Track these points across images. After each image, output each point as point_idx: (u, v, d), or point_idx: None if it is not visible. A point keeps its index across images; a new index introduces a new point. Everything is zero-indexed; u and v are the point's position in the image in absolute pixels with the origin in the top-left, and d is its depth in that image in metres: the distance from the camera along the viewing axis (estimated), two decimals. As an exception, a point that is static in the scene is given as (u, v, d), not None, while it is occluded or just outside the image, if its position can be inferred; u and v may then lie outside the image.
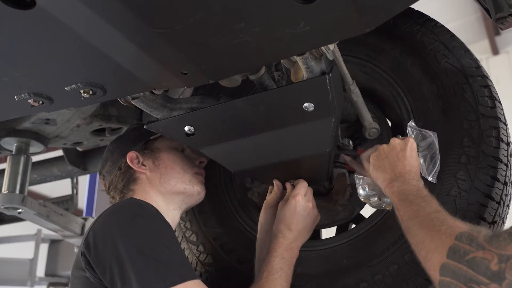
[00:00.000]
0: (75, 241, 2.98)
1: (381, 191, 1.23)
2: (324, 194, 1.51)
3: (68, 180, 2.83)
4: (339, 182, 1.48)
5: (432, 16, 1.44)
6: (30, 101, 1.05)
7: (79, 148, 2.55)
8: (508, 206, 1.28)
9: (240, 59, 0.98)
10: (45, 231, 4.24)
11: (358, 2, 0.82)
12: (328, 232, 1.69)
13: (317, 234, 1.65)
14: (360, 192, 1.29)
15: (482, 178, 1.21)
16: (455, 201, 1.22)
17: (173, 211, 1.42)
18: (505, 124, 1.28)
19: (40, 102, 1.06)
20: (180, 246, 1.27)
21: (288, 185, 1.37)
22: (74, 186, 2.86)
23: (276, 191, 1.39)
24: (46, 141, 1.99)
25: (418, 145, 1.22)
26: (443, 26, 1.42)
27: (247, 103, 1.18)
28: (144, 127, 1.30)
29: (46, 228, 2.49)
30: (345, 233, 1.43)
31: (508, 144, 1.26)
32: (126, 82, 1.04)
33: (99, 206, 4.29)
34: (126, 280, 1.10)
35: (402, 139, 1.22)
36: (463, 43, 1.37)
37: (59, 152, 2.58)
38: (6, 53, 0.91)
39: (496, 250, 0.80)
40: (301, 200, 1.30)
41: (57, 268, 4.58)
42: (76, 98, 1.05)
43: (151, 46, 0.90)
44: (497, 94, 1.31)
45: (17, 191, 2.01)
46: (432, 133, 1.23)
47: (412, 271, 1.23)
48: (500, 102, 1.30)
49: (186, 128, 1.24)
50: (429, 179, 1.21)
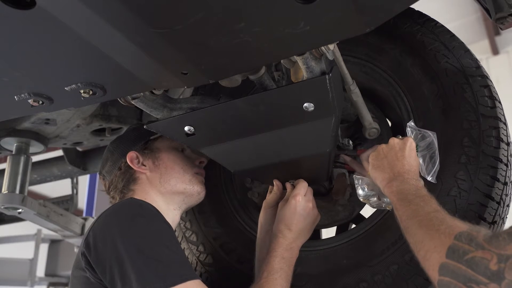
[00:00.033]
0: (75, 241, 2.98)
1: (380, 191, 1.22)
2: (324, 194, 1.51)
3: (68, 180, 2.83)
4: (339, 182, 1.48)
5: (432, 16, 1.44)
6: (30, 101, 1.05)
7: (79, 148, 2.55)
8: (508, 206, 1.28)
9: (240, 59, 0.98)
10: (45, 231, 4.24)
11: (358, 2, 0.82)
12: (328, 232, 1.69)
13: (317, 234, 1.65)
14: (359, 192, 1.29)
15: (482, 178, 1.21)
16: (455, 201, 1.22)
17: (173, 211, 1.42)
18: (505, 124, 1.28)
19: (40, 102, 1.06)
20: (180, 246, 1.27)
21: (288, 185, 1.37)
22: (74, 186, 2.86)
23: (276, 191, 1.39)
24: (46, 141, 1.99)
25: (417, 145, 1.22)
26: (443, 26, 1.42)
27: (247, 103, 1.18)
28: (144, 127, 1.30)
29: (46, 228, 2.49)
30: (345, 233, 1.43)
31: (508, 144, 1.26)
32: (126, 82, 1.04)
33: (99, 206, 4.29)
34: (126, 280, 1.10)
35: (401, 139, 1.22)
36: (463, 43, 1.37)
37: (59, 152, 2.58)
38: (6, 53, 0.91)
39: (495, 249, 0.80)
40: (301, 200, 1.30)
41: (57, 268, 4.58)
42: (76, 98, 1.05)
43: (151, 46, 0.90)
44: (497, 94, 1.31)
45: (17, 191, 2.01)
46: (431, 133, 1.23)
47: (412, 271, 1.23)
48: (500, 102, 1.30)
49: (186, 128, 1.25)
50: (428, 179, 1.21)
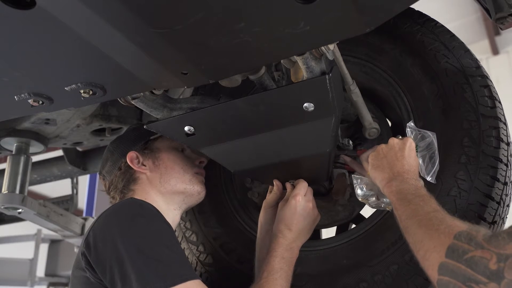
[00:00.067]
0: (75, 241, 2.98)
1: (379, 191, 1.22)
2: (324, 194, 1.51)
3: (68, 180, 2.82)
4: (339, 182, 1.48)
5: (432, 16, 1.44)
6: (30, 101, 1.05)
7: (79, 148, 2.55)
8: (508, 206, 1.28)
9: (240, 59, 0.98)
10: (45, 231, 4.24)
11: (358, 2, 0.82)
12: (328, 232, 1.69)
13: (317, 234, 1.65)
14: (358, 192, 1.29)
15: (482, 178, 1.21)
16: (455, 201, 1.22)
17: (173, 211, 1.42)
18: (505, 124, 1.28)
19: (40, 102, 1.06)
20: (180, 246, 1.27)
21: (288, 185, 1.37)
22: (74, 186, 2.86)
23: (276, 191, 1.39)
24: (46, 141, 1.99)
25: (417, 145, 1.22)
26: (443, 26, 1.42)
27: (247, 103, 1.18)
28: (144, 127, 1.30)
29: (46, 228, 2.49)
30: (345, 233, 1.43)
31: (508, 144, 1.26)
32: (126, 82, 1.04)
33: (99, 206, 4.29)
34: (127, 280, 1.10)
35: (401, 139, 1.22)
36: (463, 43, 1.37)
37: (59, 152, 2.58)
38: (6, 53, 0.91)
39: (495, 249, 0.80)
40: (301, 200, 1.30)
41: (57, 268, 4.58)
42: (76, 98, 1.05)
43: (151, 46, 0.90)
44: (497, 94, 1.31)
45: (17, 191, 2.01)
46: (431, 133, 1.23)
47: (412, 271, 1.23)
48: (500, 102, 1.30)
49: (186, 128, 1.25)
50: (428, 179, 1.21)
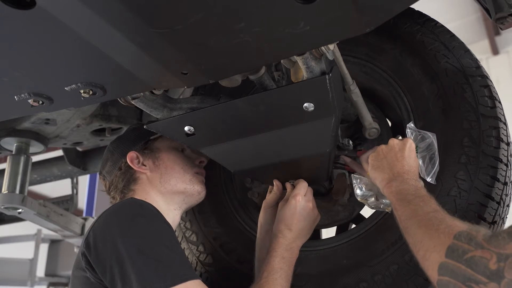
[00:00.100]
0: (75, 241, 2.98)
1: (379, 191, 1.22)
2: (324, 194, 1.51)
3: (68, 180, 2.82)
4: (339, 182, 1.48)
5: (432, 16, 1.44)
6: (30, 101, 1.05)
7: (79, 148, 2.55)
8: (508, 206, 1.28)
9: (240, 59, 0.98)
10: (45, 231, 4.24)
11: (358, 2, 0.82)
12: (328, 232, 1.69)
13: (317, 234, 1.65)
14: (357, 192, 1.29)
15: (482, 178, 1.21)
16: (455, 201, 1.22)
17: (173, 211, 1.42)
18: (505, 124, 1.28)
19: (40, 102, 1.06)
20: (180, 246, 1.27)
21: (288, 185, 1.37)
22: (74, 186, 2.86)
23: (276, 191, 1.39)
24: (46, 141, 1.99)
25: (417, 146, 1.22)
26: (443, 26, 1.42)
27: (247, 103, 1.18)
28: (144, 127, 1.30)
29: (46, 228, 2.49)
30: (345, 233, 1.43)
31: (508, 144, 1.26)
32: (126, 82, 1.04)
33: (99, 206, 4.29)
34: (127, 280, 1.10)
35: (401, 140, 1.22)
36: (463, 43, 1.37)
37: (59, 152, 2.58)
38: (6, 53, 0.91)
39: (495, 249, 0.80)
40: (301, 200, 1.30)
41: (57, 268, 4.58)
42: (76, 98, 1.05)
43: (151, 46, 0.90)
44: (497, 94, 1.31)
45: (17, 191, 2.01)
46: (431, 134, 1.23)
47: (412, 271, 1.23)
48: (500, 102, 1.30)
49: (186, 128, 1.25)
50: (428, 180, 1.20)
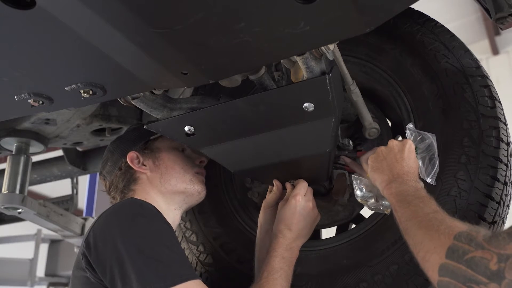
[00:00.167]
0: (75, 241, 2.98)
1: (378, 193, 1.22)
2: (324, 194, 1.51)
3: (68, 180, 2.82)
4: (339, 182, 1.48)
5: (432, 16, 1.44)
6: (30, 101, 1.05)
7: (79, 148, 2.55)
8: (508, 206, 1.28)
9: (240, 59, 0.98)
10: (45, 231, 4.24)
11: (358, 2, 0.82)
12: (328, 232, 1.69)
13: (317, 234, 1.65)
14: (357, 193, 1.29)
15: (482, 178, 1.21)
16: (455, 201, 1.22)
17: (173, 211, 1.42)
18: (505, 124, 1.28)
19: (40, 102, 1.06)
20: (181, 246, 1.27)
21: (288, 185, 1.37)
22: (74, 186, 2.86)
23: (276, 191, 1.39)
24: (46, 141, 1.99)
25: (416, 147, 1.22)
26: (443, 26, 1.42)
27: (247, 103, 1.18)
28: (144, 127, 1.30)
29: (46, 228, 2.48)
30: (345, 233, 1.43)
31: (508, 144, 1.26)
32: (126, 82, 1.04)
33: (99, 206, 4.29)
34: (127, 280, 1.10)
35: (401, 141, 1.22)
36: (463, 43, 1.37)
37: (59, 152, 2.58)
38: (6, 53, 0.91)
39: (495, 249, 0.80)
40: (301, 200, 1.30)
41: (57, 268, 4.58)
42: (76, 98, 1.05)
43: (151, 46, 0.90)
44: (497, 94, 1.31)
45: (17, 191, 2.01)
46: (430, 135, 1.23)
47: (412, 271, 1.23)
48: (500, 102, 1.30)
49: (186, 128, 1.25)
50: (428, 181, 1.20)
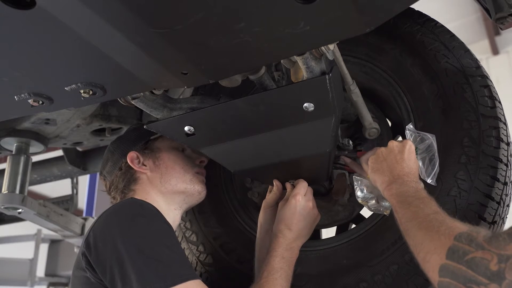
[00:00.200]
0: (75, 241, 2.98)
1: (379, 194, 1.22)
2: (324, 194, 1.50)
3: (68, 180, 2.82)
4: (339, 182, 1.48)
5: (432, 16, 1.44)
6: (30, 101, 1.05)
7: (79, 148, 2.55)
8: (508, 206, 1.28)
9: (240, 59, 0.98)
10: (45, 231, 4.24)
11: (358, 2, 0.82)
12: (328, 232, 1.69)
13: (317, 234, 1.65)
14: (358, 194, 1.29)
15: (482, 178, 1.21)
16: (455, 201, 1.22)
17: (174, 211, 1.42)
18: (505, 124, 1.28)
19: (40, 102, 1.06)
20: (181, 246, 1.27)
21: (288, 185, 1.37)
22: (74, 186, 2.86)
23: (276, 191, 1.39)
24: (46, 141, 1.99)
25: (416, 147, 1.22)
26: (443, 26, 1.42)
27: (247, 103, 1.18)
28: (144, 127, 1.30)
29: (46, 228, 2.49)
30: (345, 233, 1.43)
31: (508, 144, 1.26)
32: (126, 82, 1.04)
33: (99, 206, 4.29)
34: (127, 280, 1.10)
35: (401, 141, 1.22)
36: (463, 43, 1.37)
37: (59, 152, 2.58)
38: (6, 53, 0.91)
39: (495, 250, 0.80)
40: (301, 200, 1.30)
41: (57, 268, 4.58)
42: (76, 98, 1.05)
43: (151, 46, 0.90)
44: (497, 94, 1.31)
45: (17, 191, 2.01)
46: (430, 135, 1.23)
47: (412, 271, 1.22)
48: (500, 102, 1.30)
49: (186, 128, 1.25)
50: (428, 181, 1.20)
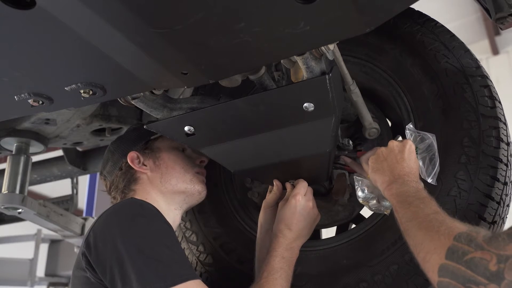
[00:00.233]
0: (75, 241, 2.98)
1: (380, 194, 1.22)
2: (324, 194, 1.51)
3: (68, 180, 2.82)
4: (339, 182, 1.48)
5: (432, 16, 1.44)
6: (30, 101, 1.05)
7: (79, 148, 2.55)
8: (508, 206, 1.28)
9: (240, 59, 0.98)
10: (45, 231, 4.24)
11: (358, 2, 0.82)
12: (328, 232, 1.69)
13: (317, 234, 1.65)
14: (359, 194, 1.29)
15: (482, 178, 1.21)
16: (455, 201, 1.22)
17: (174, 211, 1.42)
18: (505, 124, 1.28)
19: (40, 102, 1.06)
20: (181, 246, 1.27)
21: (288, 185, 1.37)
22: (74, 186, 2.86)
23: (276, 191, 1.39)
24: (46, 141, 1.99)
25: (416, 147, 1.22)
26: (443, 26, 1.42)
27: (247, 103, 1.18)
28: (144, 127, 1.30)
29: (46, 228, 2.49)
30: (345, 233, 1.43)
31: (508, 144, 1.26)
32: (126, 82, 1.04)
33: (99, 206, 4.29)
34: (127, 280, 1.10)
35: (401, 141, 1.22)
36: (463, 43, 1.37)
37: (59, 152, 2.58)
38: (6, 53, 0.91)
39: (495, 250, 0.80)
40: (301, 200, 1.30)
41: (57, 268, 4.58)
42: (76, 98, 1.05)
43: (151, 46, 0.90)
44: (497, 94, 1.31)
45: (17, 191, 2.01)
46: (430, 135, 1.23)
47: (412, 271, 1.22)
48: (500, 102, 1.30)
49: (186, 128, 1.25)
50: (428, 181, 1.20)
